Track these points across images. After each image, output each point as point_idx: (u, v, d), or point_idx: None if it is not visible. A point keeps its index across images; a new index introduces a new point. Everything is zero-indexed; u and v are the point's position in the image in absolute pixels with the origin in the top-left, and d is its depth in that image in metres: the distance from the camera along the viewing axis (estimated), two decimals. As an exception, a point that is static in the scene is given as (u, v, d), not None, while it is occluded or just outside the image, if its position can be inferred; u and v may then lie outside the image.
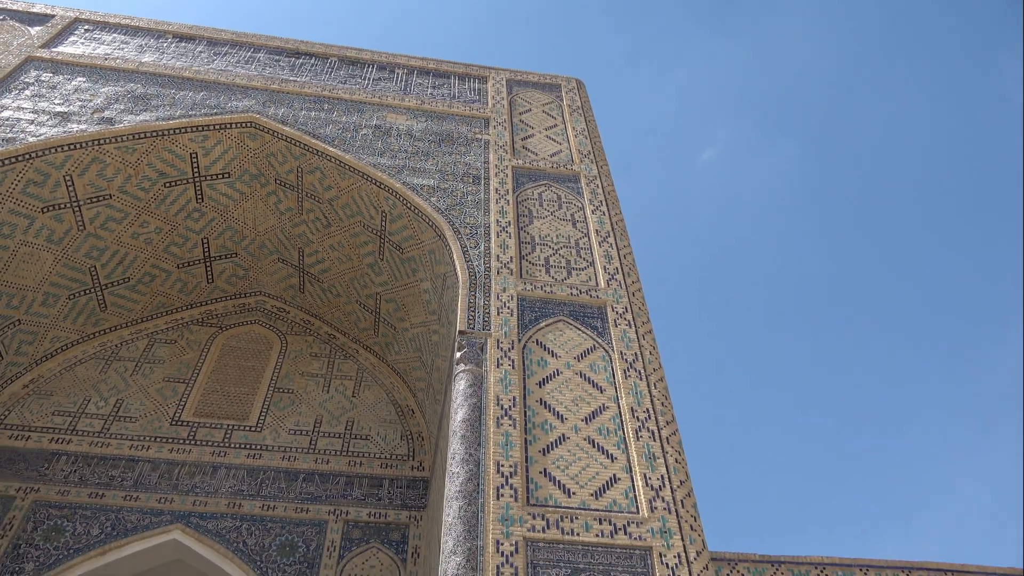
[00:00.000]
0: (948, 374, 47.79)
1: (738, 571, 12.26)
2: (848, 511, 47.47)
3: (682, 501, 11.38)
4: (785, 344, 51.47)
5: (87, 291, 18.12)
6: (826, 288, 52.01)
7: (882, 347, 49.49)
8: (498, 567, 9.97)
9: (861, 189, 53.44)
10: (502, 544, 10.25)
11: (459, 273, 14.89)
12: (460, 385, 12.60)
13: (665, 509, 11.15)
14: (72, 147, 16.83)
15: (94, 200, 17.40)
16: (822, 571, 12.54)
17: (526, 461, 11.43)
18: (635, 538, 10.68)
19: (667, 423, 12.50)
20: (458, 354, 13.18)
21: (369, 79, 21.72)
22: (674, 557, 10.56)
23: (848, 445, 49.32)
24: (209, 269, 19.94)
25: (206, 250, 19.62)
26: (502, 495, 10.84)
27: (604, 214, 17.19)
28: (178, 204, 18.66)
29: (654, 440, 12.11)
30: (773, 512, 48.53)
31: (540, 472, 11.34)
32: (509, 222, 16.31)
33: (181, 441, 16.73)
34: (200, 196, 18.81)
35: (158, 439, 16.68)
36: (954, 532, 44.45)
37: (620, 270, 15.57)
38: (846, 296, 51.47)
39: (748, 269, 54.18)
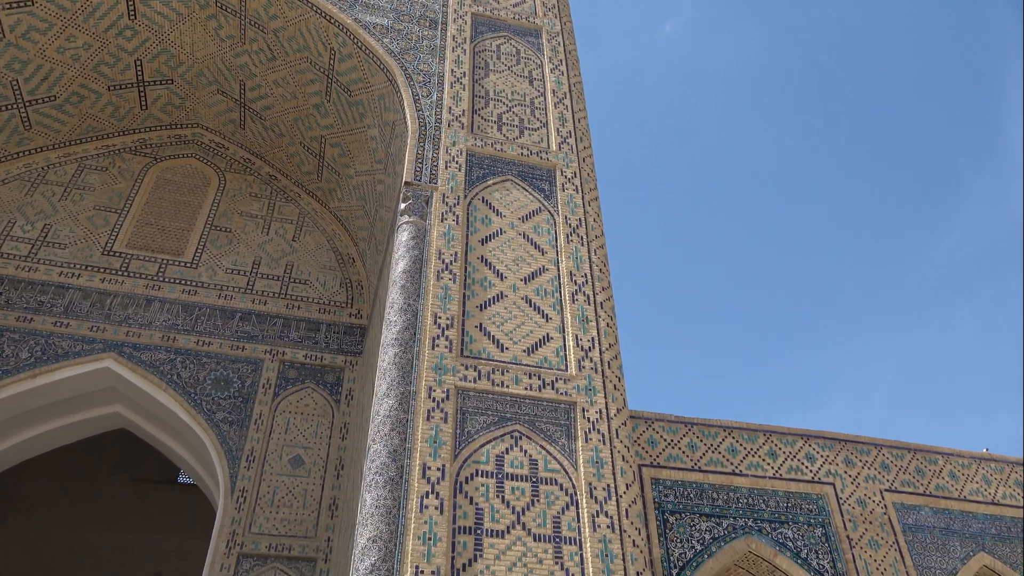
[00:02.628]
0: (877, 270, 50.00)
1: (654, 429, 13.11)
2: (761, 386, 50.72)
3: (609, 363, 11.91)
4: (724, 224, 52.60)
5: (9, 106, 16.94)
6: (770, 171, 52.69)
7: (819, 233, 51.11)
8: (429, 411, 10.39)
9: (818, 78, 53.04)
10: (434, 391, 10.63)
11: (409, 122, 14.44)
12: (403, 236, 12.55)
13: (592, 369, 11.66)
14: (-15, -59, 15.14)
15: (14, 6, 15.90)
16: (730, 433, 13.52)
17: (463, 315, 11.66)
18: (561, 393, 11.22)
19: (603, 289, 12.83)
20: (403, 205, 13.03)
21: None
22: (596, 412, 11.18)
23: (768, 327, 51.90)
24: (143, 94, 18.80)
25: (139, 73, 18.40)
26: (437, 345, 11.12)
27: (563, 74, 16.69)
28: (109, 19, 17.22)
29: (589, 304, 12.46)
30: (694, 382, 51.48)
31: (476, 327, 11.62)
32: (464, 73, 15.70)
33: (113, 271, 16.40)
34: (133, 12, 17.38)
35: (89, 268, 16.30)
36: (853, 410, 48.20)
37: (573, 134, 15.34)
38: (789, 180, 52.34)
39: (697, 144, 54.19)
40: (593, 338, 12.04)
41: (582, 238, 13.43)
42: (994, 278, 45.48)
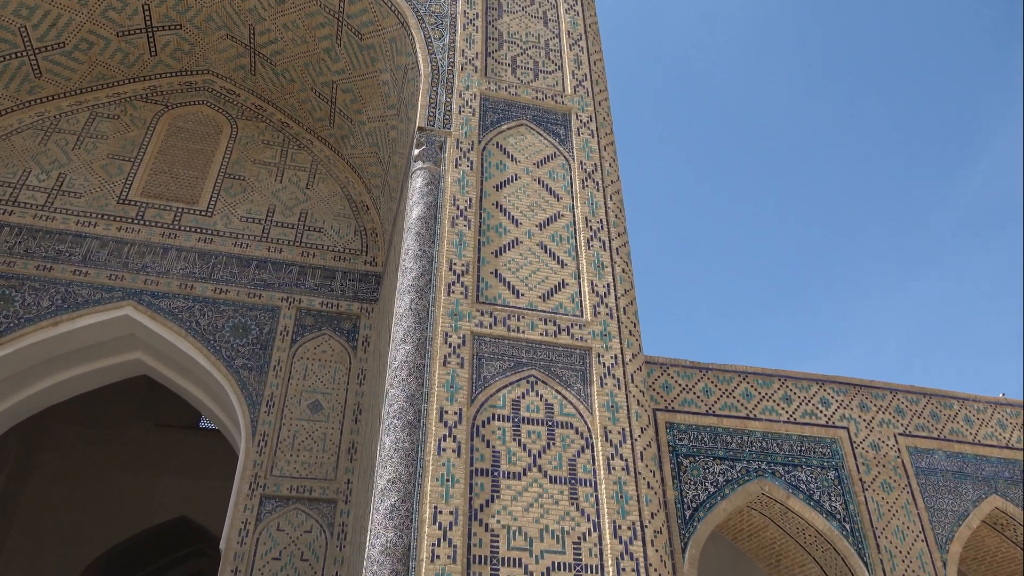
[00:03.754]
0: (896, 216, 49.32)
1: (668, 374, 13.16)
2: (776, 332, 50.68)
3: (624, 308, 11.90)
4: (743, 168, 51.85)
5: (18, 54, 16.80)
6: (787, 114, 51.62)
7: (837, 179, 50.32)
8: (445, 357, 10.47)
9: (837, 17, 51.48)
10: (450, 337, 10.70)
11: (421, 66, 14.19)
12: (417, 183, 12.46)
13: (608, 315, 11.66)
14: None
15: (17, -51, 15.61)
16: (744, 379, 13.56)
17: (478, 261, 11.64)
18: (577, 339, 11.25)
19: (619, 234, 12.74)
20: (416, 151, 12.90)
21: None
22: (611, 358, 11.22)
23: (785, 274, 51.59)
24: (152, 40, 18.55)
25: (147, 18, 18.13)
26: (453, 292, 11.14)
27: (578, 14, 16.27)
28: (114, -37, 16.89)
29: (604, 250, 12.39)
30: (710, 328, 51.51)
31: (491, 273, 11.61)
32: (477, 14, 15.34)
33: (129, 220, 16.46)
34: (138, -45, 17.02)
35: (105, 216, 16.37)
36: (868, 356, 48.17)
37: (588, 77, 15.04)
38: (806, 124, 51.32)
39: (713, 87, 53.08)
40: (608, 284, 12.01)
41: (597, 183, 13.28)
42: (1012, 226, 44.80)
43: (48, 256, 15.43)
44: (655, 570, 9.55)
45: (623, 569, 9.38)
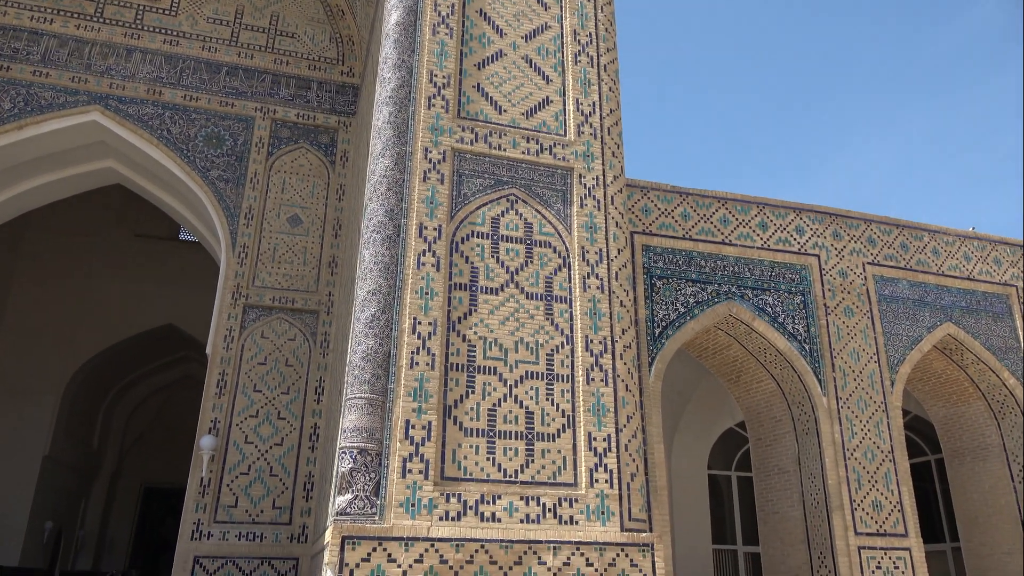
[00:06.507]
0: (891, 41, 47.50)
1: (648, 197, 13.19)
2: (761, 159, 50.47)
3: (609, 129, 11.65)
4: (742, -13, 49.01)
5: None
6: (799, -72, 48.04)
7: (833, 5, 47.92)
8: (425, 172, 10.34)
9: None
10: (430, 152, 10.49)
11: None
12: (395, -16, 11.62)
13: (591, 135, 11.44)
14: None
15: None
16: (723, 204, 13.64)
17: (460, 74, 11.17)
18: (559, 158, 11.10)
19: (608, 50, 12.19)
20: (395, -52, 11.90)
21: None
22: (592, 179, 11.15)
23: (773, 98, 50.45)
24: None
25: None
26: (433, 105, 10.78)
27: None
28: None
29: (592, 66, 11.91)
30: (693, 154, 51.10)
31: (473, 87, 11.18)
32: None
33: (88, 17, 15.37)
34: None
35: (62, 12, 15.25)
36: (847, 189, 48.46)
37: None
38: (817, -60, 47.92)
39: None
40: (594, 103, 11.67)
41: (588, -7, 12.48)
42: (1012, 61, 43.48)
43: (4, 54, 14.56)
44: (622, 380, 10.11)
45: (592, 379, 9.92)
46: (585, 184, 11.07)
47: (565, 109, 11.51)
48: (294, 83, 16.10)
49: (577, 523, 9.13)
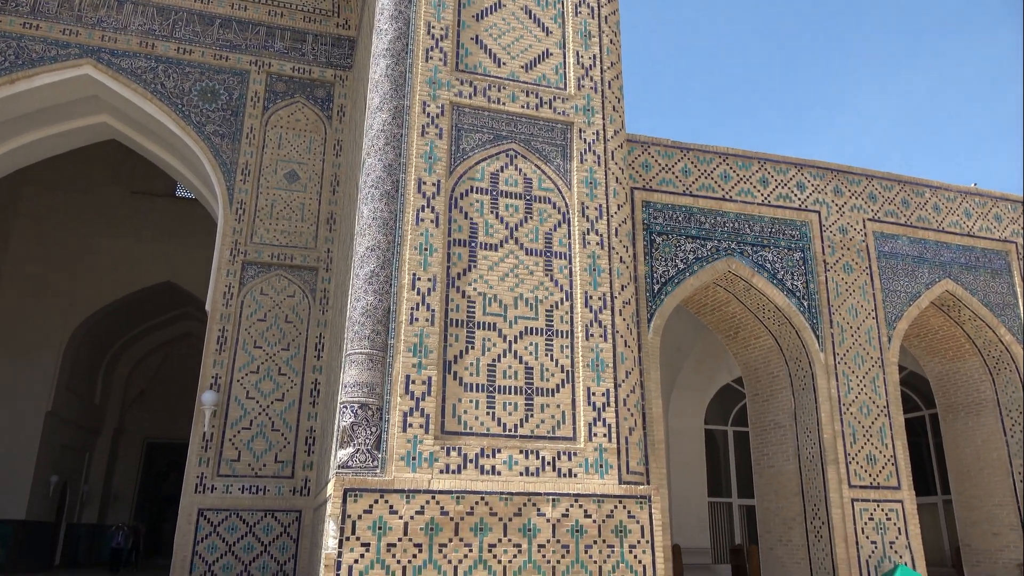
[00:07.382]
0: (890, 5, 46.61)
1: (649, 153, 13.07)
2: (763, 120, 49.93)
3: (609, 83, 11.48)
4: (746, -63, 47.86)
5: None
6: None
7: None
8: (423, 127, 10.21)
9: None
10: (428, 106, 10.35)
11: None
12: (392, -68, 11.31)
13: (592, 89, 11.27)
14: None
15: None
16: (724, 160, 13.52)
17: (458, 25, 10.96)
18: (559, 113, 10.96)
19: (608, 1, 11.94)
20: None
21: None
22: (593, 134, 11.03)
23: (776, 62, 49.69)
24: None
25: None
26: (431, 58, 10.59)
27: None
28: None
29: (592, 18, 11.68)
30: (695, 108, 50.52)
31: (471, 39, 10.98)
32: None
33: (76, -33, 15.01)
34: None
35: (49, -38, 14.88)
36: (849, 146, 48.07)
37: None
38: None
39: None
40: (595, 56, 11.47)
41: (590, -59, 12.16)
42: (1014, 13, 42.67)
43: (-8, 6, 14.26)
44: (621, 336, 10.15)
45: (591, 335, 9.95)
46: (585, 139, 10.95)
47: (565, 62, 11.32)
48: (289, 35, 15.81)
49: (576, 476, 9.26)
